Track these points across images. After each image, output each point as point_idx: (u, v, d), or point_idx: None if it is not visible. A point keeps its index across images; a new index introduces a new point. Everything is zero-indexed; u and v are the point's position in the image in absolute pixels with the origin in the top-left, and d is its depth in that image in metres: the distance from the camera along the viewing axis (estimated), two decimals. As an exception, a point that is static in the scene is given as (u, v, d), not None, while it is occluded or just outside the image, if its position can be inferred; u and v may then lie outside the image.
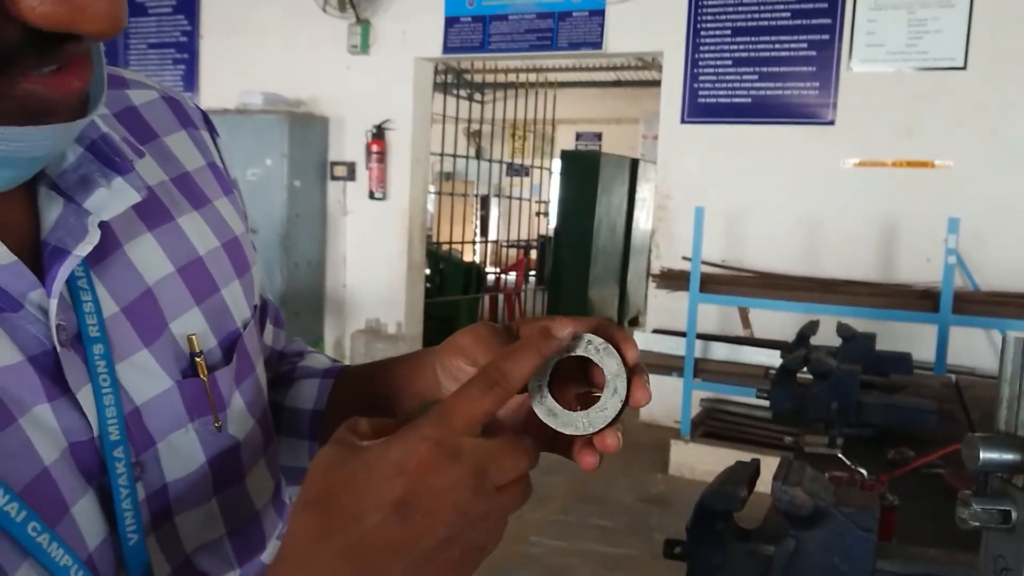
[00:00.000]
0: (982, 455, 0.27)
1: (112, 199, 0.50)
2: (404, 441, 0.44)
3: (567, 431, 0.53)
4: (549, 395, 0.53)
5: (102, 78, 0.48)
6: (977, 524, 0.28)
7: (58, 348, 0.47)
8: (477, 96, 10.08)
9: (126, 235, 0.54)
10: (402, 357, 0.72)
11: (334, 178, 6.15)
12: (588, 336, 0.53)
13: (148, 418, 0.52)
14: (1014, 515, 0.27)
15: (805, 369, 1.65)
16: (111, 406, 0.49)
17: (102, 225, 0.51)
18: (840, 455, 1.43)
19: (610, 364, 0.53)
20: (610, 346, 0.53)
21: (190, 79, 6.45)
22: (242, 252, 0.64)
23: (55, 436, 0.46)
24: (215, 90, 6.30)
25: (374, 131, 5.90)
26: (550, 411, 0.53)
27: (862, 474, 1.27)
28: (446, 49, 5.71)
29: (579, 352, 0.53)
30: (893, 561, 0.87)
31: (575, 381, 0.56)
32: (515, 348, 0.50)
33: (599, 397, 0.53)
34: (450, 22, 5.66)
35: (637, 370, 0.53)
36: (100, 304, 0.50)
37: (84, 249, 0.48)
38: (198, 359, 0.55)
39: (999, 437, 0.27)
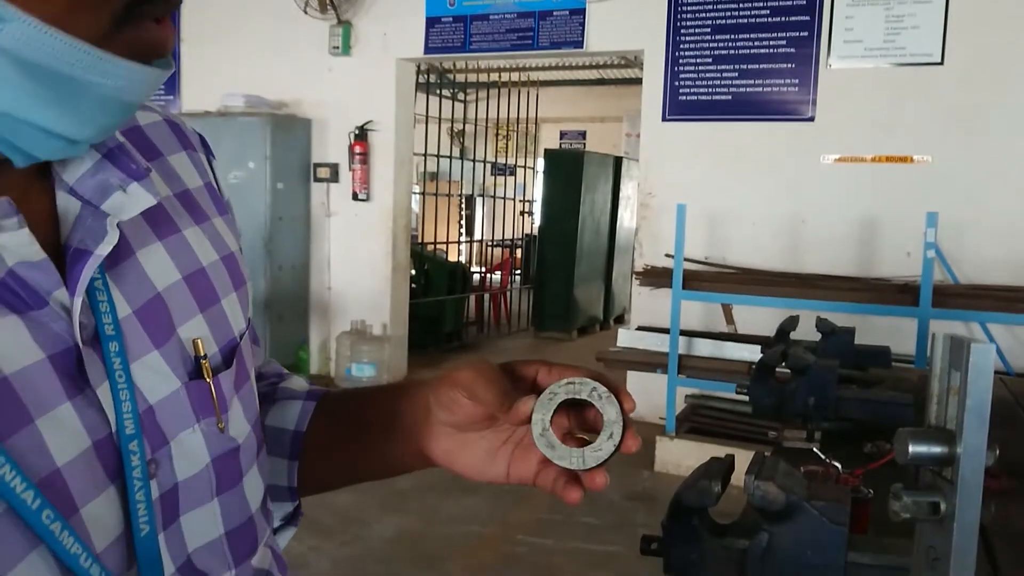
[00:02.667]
0: (911, 449, 0.28)
1: (129, 202, 0.53)
2: None
3: (562, 464, 0.60)
4: (551, 431, 0.60)
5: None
6: (908, 516, 0.28)
7: (81, 346, 0.49)
8: (460, 96, 10.08)
9: (138, 243, 0.56)
10: (388, 386, 0.74)
11: (317, 180, 6.13)
12: (593, 384, 0.60)
13: (161, 417, 0.54)
14: (943, 507, 0.28)
15: (784, 364, 1.66)
16: (127, 401, 0.51)
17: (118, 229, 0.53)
18: (816, 449, 1.44)
19: (610, 411, 0.59)
20: (612, 395, 0.60)
21: (171, 82, 6.42)
22: (238, 268, 0.67)
23: (76, 435, 0.48)
24: (196, 93, 6.27)
25: (357, 132, 5.90)
26: (549, 444, 0.60)
27: (837, 468, 1.28)
28: (427, 49, 5.71)
29: (584, 396, 0.60)
30: (865, 553, 0.88)
31: (568, 421, 0.62)
32: None
33: (582, 439, 0.61)
34: (431, 23, 5.66)
35: (629, 421, 0.60)
36: (115, 306, 0.53)
37: (105, 248, 0.50)
38: (203, 362, 0.58)
39: (928, 431, 0.28)
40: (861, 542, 0.89)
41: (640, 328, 4.91)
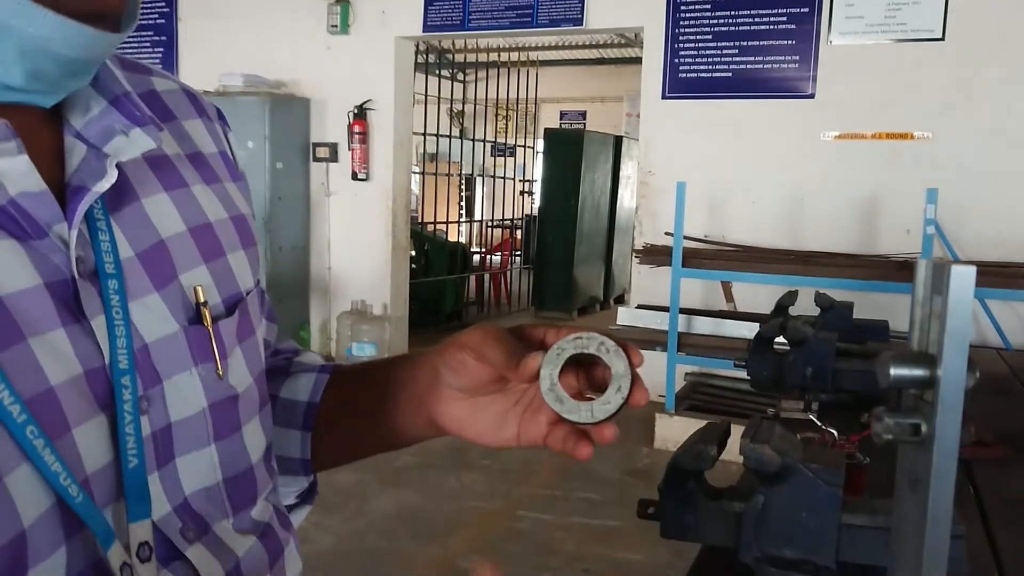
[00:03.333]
0: (892, 371, 0.28)
1: (128, 145, 0.55)
2: None
3: (571, 418, 0.60)
4: (559, 384, 0.60)
5: (136, 6, 0.53)
6: (890, 436, 0.29)
7: (77, 278, 0.51)
8: (460, 76, 10.04)
9: (144, 191, 0.59)
10: (397, 356, 0.74)
11: (316, 160, 6.12)
12: (602, 338, 0.60)
13: (156, 357, 0.55)
14: (923, 428, 0.28)
15: (783, 339, 1.67)
16: (122, 337, 0.52)
17: (122, 176, 0.56)
18: (813, 419, 1.46)
19: (618, 364, 0.59)
20: (620, 349, 0.59)
21: (169, 62, 6.39)
22: (248, 229, 0.68)
23: (68, 361, 0.49)
24: (194, 72, 6.24)
25: (356, 112, 5.88)
26: (558, 398, 0.60)
27: (833, 434, 1.29)
28: (426, 27, 5.68)
29: (592, 351, 0.60)
30: (859, 515, 0.89)
31: (576, 378, 0.62)
32: None
33: (590, 399, 0.60)
34: (429, 0, 5.63)
35: (637, 375, 0.60)
36: (117, 246, 0.54)
37: (102, 186, 0.53)
38: (203, 308, 0.59)
39: (910, 354, 0.28)
40: (855, 504, 0.90)
41: (640, 306, 4.91)
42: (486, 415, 0.66)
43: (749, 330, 4.14)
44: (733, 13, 4.82)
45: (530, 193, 10.37)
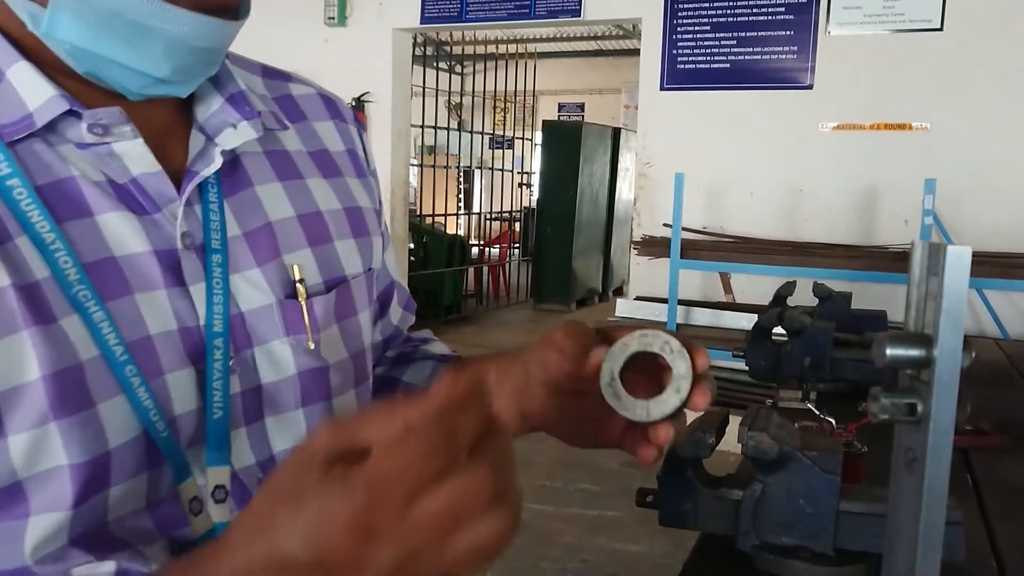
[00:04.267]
0: (889, 352, 0.28)
1: (235, 136, 0.63)
2: (320, 503, 0.39)
3: (626, 415, 0.59)
4: (619, 381, 0.59)
5: None
6: (887, 416, 0.29)
7: (181, 249, 0.58)
8: (457, 68, 10.01)
9: (259, 179, 0.66)
10: (500, 352, 0.77)
11: (314, 152, 6.11)
12: (668, 337, 0.58)
13: (250, 323, 0.62)
14: (919, 408, 0.28)
15: (781, 329, 1.67)
16: (219, 304, 0.59)
17: (240, 165, 0.65)
18: (811, 407, 1.46)
19: (680, 365, 0.58)
20: (685, 350, 0.58)
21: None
22: (363, 220, 0.74)
23: (166, 316, 0.57)
24: (191, 65, 6.23)
25: (353, 104, 5.86)
26: (615, 394, 0.59)
27: (831, 423, 1.30)
28: (424, 19, 5.66)
29: (655, 349, 0.59)
30: (856, 502, 0.89)
31: (645, 377, 0.61)
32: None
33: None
34: (427, -8, 5.61)
35: (703, 378, 0.59)
36: (226, 226, 0.62)
37: (209, 170, 0.60)
38: (299, 285, 0.64)
39: (906, 335, 0.28)
40: (853, 492, 0.91)
41: (639, 298, 4.92)
42: (570, 414, 0.67)
43: (747, 321, 4.15)
44: (731, 4, 4.81)
45: (528, 185, 10.36)
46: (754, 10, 4.77)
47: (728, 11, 4.82)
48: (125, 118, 0.57)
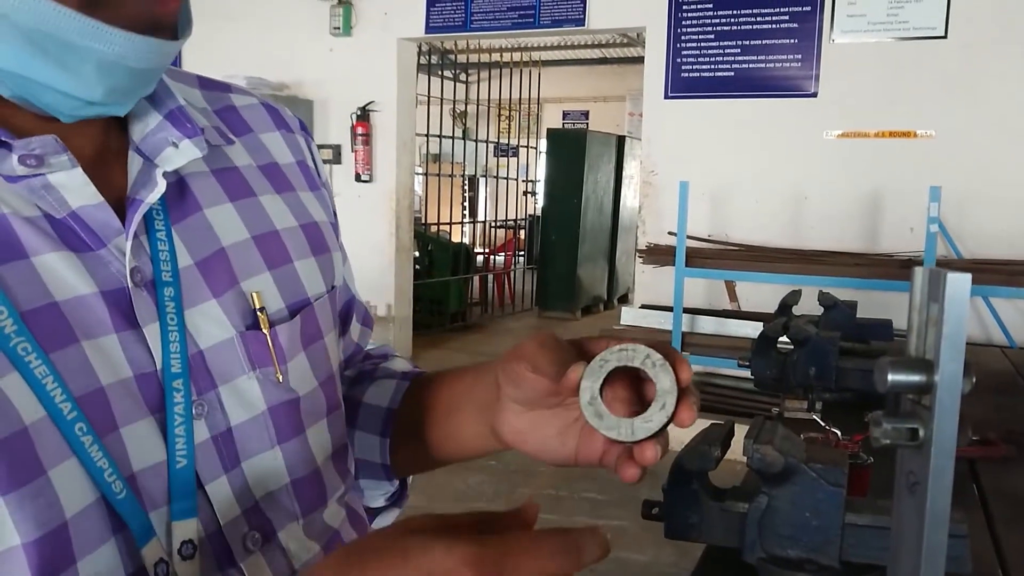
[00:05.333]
0: (890, 377, 0.29)
1: (177, 155, 0.58)
2: (446, 552, 0.40)
3: (609, 435, 0.55)
4: (599, 399, 0.55)
5: (188, 12, 0.56)
6: (888, 441, 0.30)
7: (130, 286, 0.53)
8: (462, 77, 10.05)
9: (208, 201, 0.61)
10: (470, 366, 0.74)
11: (320, 161, 6.12)
12: (648, 351, 0.55)
13: (211, 362, 0.57)
14: (921, 432, 0.29)
15: (786, 338, 1.67)
16: (176, 343, 0.54)
17: (186, 187, 0.60)
18: (817, 418, 1.46)
19: (663, 380, 0.54)
20: (667, 363, 0.54)
21: (172, 63, 6.39)
22: (321, 237, 0.70)
23: (118, 364, 0.52)
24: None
25: (359, 113, 5.89)
26: (597, 413, 0.55)
27: (836, 434, 1.30)
28: (429, 29, 5.68)
29: (636, 364, 0.55)
30: (862, 514, 0.89)
31: (627, 392, 0.58)
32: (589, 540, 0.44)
33: (638, 412, 0.56)
34: (432, 1, 5.63)
35: (688, 392, 0.55)
36: (176, 255, 0.57)
37: (152, 197, 0.55)
38: (261, 314, 0.60)
39: (907, 360, 0.29)
40: (859, 504, 0.91)
41: (643, 306, 4.92)
42: (546, 429, 0.62)
43: (752, 329, 4.14)
44: (735, 12, 4.82)
45: (533, 193, 10.37)
46: (758, 18, 4.78)
47: (732, 19, 4.83)
48: (62, 146, 0.52)
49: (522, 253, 10.01)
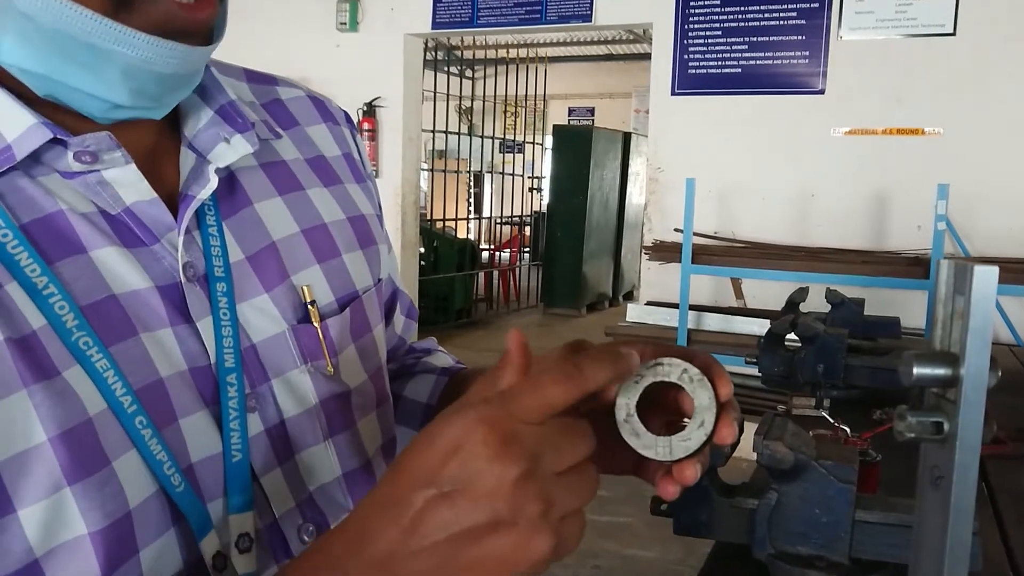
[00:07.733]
0: (915, 371, 0.28)
1: (229, 151, 0.58)
2: (461, 420, 0.42)
3: (646, 454, 0.53)
4: (635, 416, 0.53)
5: (225, 16, 0.57)
6: (912, 435, 0.29)
7: (183, 281, 0.54)
8: (468, 73, 10.04)
9: (258, 196, 0.62)
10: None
11: (326, 157, 6.13)
12: (685, 365, 0.53)
13: (264, 356, 0.57)
14: (946, 426, 0.28)
15: (794, 335, 1.67)
16: (229, 337, 0.55)
17: (236, 182, 0.60)
18: (825, 415, 1.46)
19: (702, 396, 0.52)
20: (705, 378, 0.53)
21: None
22: (368, 229, 0.70)
23: (174, 358, 0.53)
24: (204, 70, 6.25)
25: (365, 109, 5.89)
26: (634, 431, 0.53)
27: (846, 431, 1.29)
28: (435, 25, 5.68)
29: (673, 379, 0.53)
30: (872, 511, 0.89)
31: (665, 409, 0.56)
32: (598, 351, 0.47)
33: (676, 428, 0.53)
34: (438, -3, 5.63)
35: (728, 407, 0.53)
36: (228, 250, 0.57)
37: (204, 193, 0.56)
38: (311, 307, 0.60)
39: (932, 353, 0.29)
40: (869, 501, 0.90)
41: (649, 303, 4.91)
42: None
43: (759, 327, 4.14)
44: (742, 8, 4.80)
45: (539, 190, 10.36)
46: (765, 15, 4.76)
47: (739, 16, 4.82)
48: (115, 143, 0.52)
49: (527, 250, 10.01)
